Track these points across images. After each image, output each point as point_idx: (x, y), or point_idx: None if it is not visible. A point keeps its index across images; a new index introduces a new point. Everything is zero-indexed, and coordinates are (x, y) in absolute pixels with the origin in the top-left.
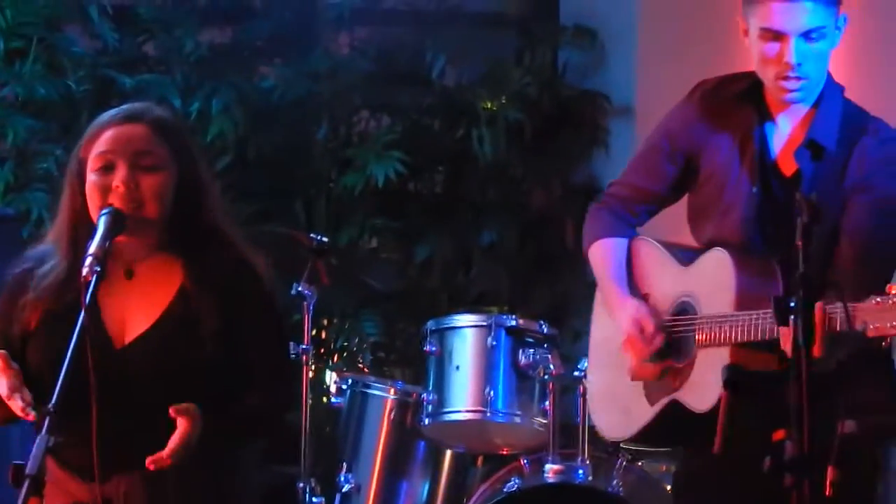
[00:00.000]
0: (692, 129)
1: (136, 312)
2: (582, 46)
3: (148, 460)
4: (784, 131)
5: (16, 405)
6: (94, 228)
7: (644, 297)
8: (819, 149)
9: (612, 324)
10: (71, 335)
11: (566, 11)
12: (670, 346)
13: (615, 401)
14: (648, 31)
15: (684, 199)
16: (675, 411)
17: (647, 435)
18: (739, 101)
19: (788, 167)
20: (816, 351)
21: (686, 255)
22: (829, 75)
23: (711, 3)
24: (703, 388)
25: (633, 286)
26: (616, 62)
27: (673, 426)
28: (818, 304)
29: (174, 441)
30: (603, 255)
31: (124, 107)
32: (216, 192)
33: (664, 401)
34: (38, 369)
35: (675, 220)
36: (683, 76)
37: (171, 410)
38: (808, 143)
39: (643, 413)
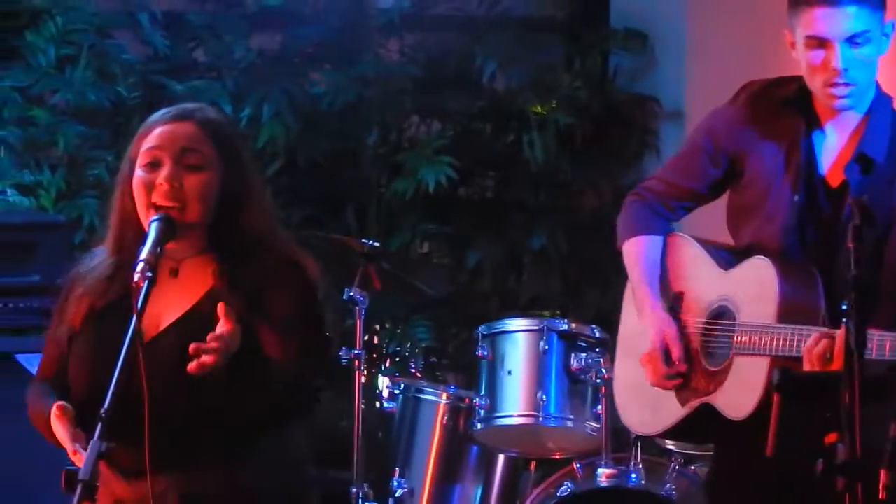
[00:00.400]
0: (737, 132)
1: (169, 309)
2: (632, 50)
3: (190, 366)
4: (833, 142)
5: (69, 449)
6: (140, 228)
7: (678, 296)
8: (869, 162)
9: (641, 320)
10: (111, 334)
11: (616, 14)
12: (706, 347)
13: (643, 396)
14: (698, 33)
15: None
16: (707, 414)
17: (675, 432)
18: (787, 106)
19: (836, 179)
20: (836, 365)
21: (725, 258)
22: (878, 86)
23: (760, 5)
24: (740, 396)
25: (667, 284)
26: (666, 65)
27: (703, 426)
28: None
29: (214, 337)
30: (637, 253)
31: (177, 105)
32: (265, 197)
33: (695, 403)
34: (78, 368)
35: (712, 216)
36: (733, 79)
37: (219, 309)
38: (859, 156)
39: (672, 411)
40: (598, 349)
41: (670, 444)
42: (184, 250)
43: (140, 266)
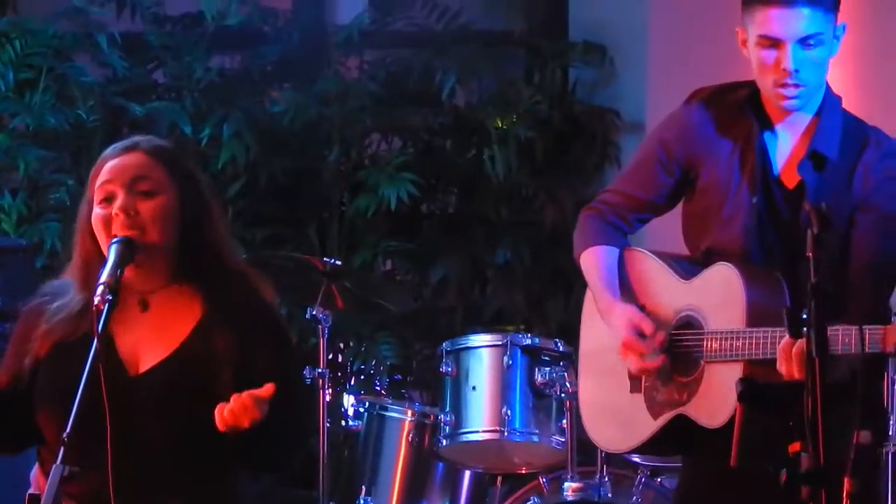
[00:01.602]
0: (689, 139)
1: (151, 343)
2: (591, 63)
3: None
4: (785, 142)
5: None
6: (101, 264)
7: (640, 308)
8: (822, 159)
9: (606, 333)
10: (81, 365)
11: (575, 28)
12: (675, 359)
13: (613, 413)
14: (658, 45)
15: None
16: (681, 425)
17: (649, 447)
18: (738, 109)
19: (791, 179)
20: (798, 374)
21: (685, 268)
22: (828, 86)
23: (721, 17)
24: (715, 404)
25: (628, 299)
26: (626, 78)
27: (677, 439)
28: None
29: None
30: (594, 262)
31: (127, 140)
32: (223, 218)
33: (669, 415)
34: (47, 398)
35: (663, 227)
36: (693, 88)
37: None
38: (811, 154)
39: (645, 426)
40: (561, 363)
41: (636, 457)
42: (151, 281)
43: (100, 289)
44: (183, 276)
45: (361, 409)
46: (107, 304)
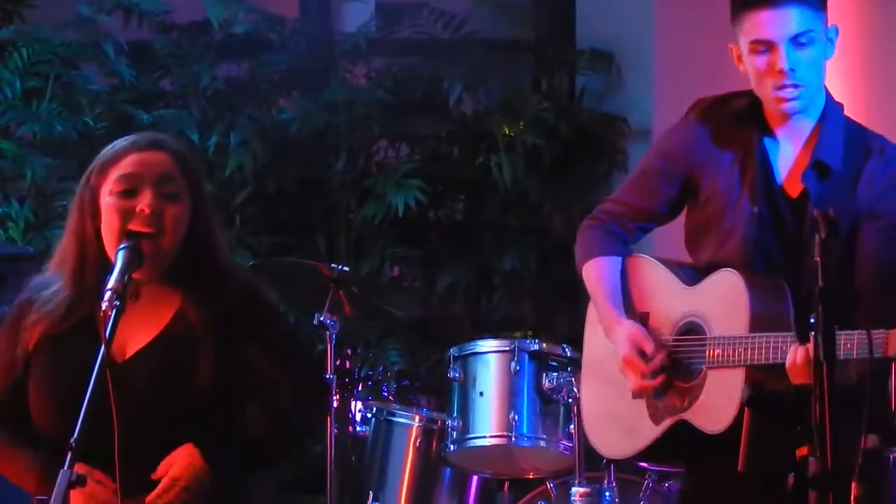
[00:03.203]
0: (690, 150)
1: (136, 330)
2: (598, 70)
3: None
4: (787, 151)
5: None
6: (101, 255)
7: (643, 316)
8: (825, 168)
9: (608, 342)
10: (72, 360)
11: (582, 36)
12: (676, 365)
13: (615, 420)
14: (664, 52)
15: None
16: (683, 431)
17: (651, 453)
18: (739, 119)
19: (794, 188)
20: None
21: (688, 274)
22: (829, 93)
23: (727, 24)
24: (716, 410)
25: (631, 305)
26: (633, 85)
27: (679, 445)
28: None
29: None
30: (597, 274)
31: (142, 133)
32: (221, 230)
33: (670, 421)
34: (40, 390)
35: (668, 236)
36: (700, 96)
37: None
38: (815, 163)
39: (647, 432)
40: (569, 368)
41: (644, 462)
42: (145, 275)
43: (108, 294)
44: (176, 276)
45: (369, 415)
46: (114, 310)
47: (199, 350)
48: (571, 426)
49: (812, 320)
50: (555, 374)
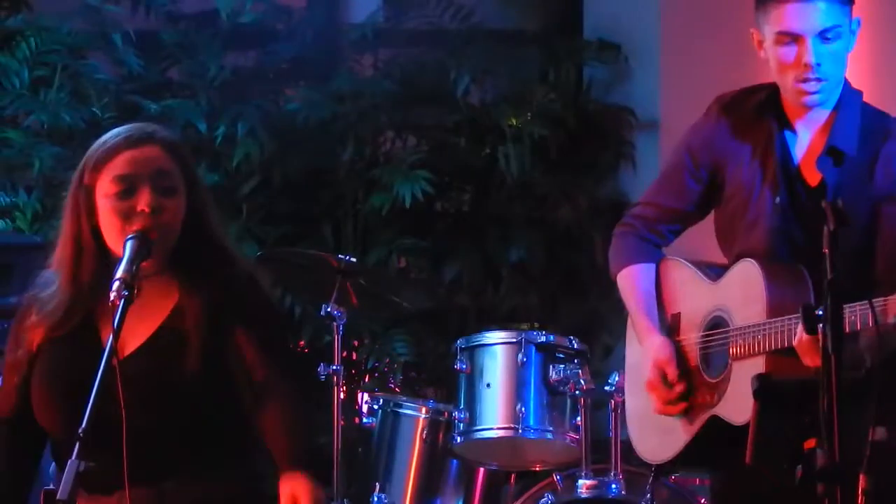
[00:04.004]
0: (714, 145)
1: (134, 326)
2: (605, 61)
3: None
4: (804, 139)
5: None
6: (97, 254)
7: (675, 317)
8: (839, 154)
9: (642, 349)
10: (73, 359)
11: (589, 27)
12: (705, 360)
13: (651, 423)
14: (671, 44)
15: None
16: (716, 427)
17: (689, 453)
18: (759, 112)
19: (812, 177)
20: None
21: (715, 271)
22: (847, 81)
23: (734, 16)
24: (740, 401)
25: (663, 308)
26: (640, 76)
27: (714, 442)
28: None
29: None
30: (631, 283)
31: (129, 127)
32: (217, 214)
33: (703, 417)
34: (44, 391)
35: (703, 237)
36: (707, 89)
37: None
38: (829, 150)
39: (684, 431)
40: (576, 360)
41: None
42: (147, 267)
43: (116, 284)
44: (174, 266)
45: (375, 407)
46: (122, 300)
47: (189, 338)
48: (578, 418)
49: (820, 312)
50: (562, 366)
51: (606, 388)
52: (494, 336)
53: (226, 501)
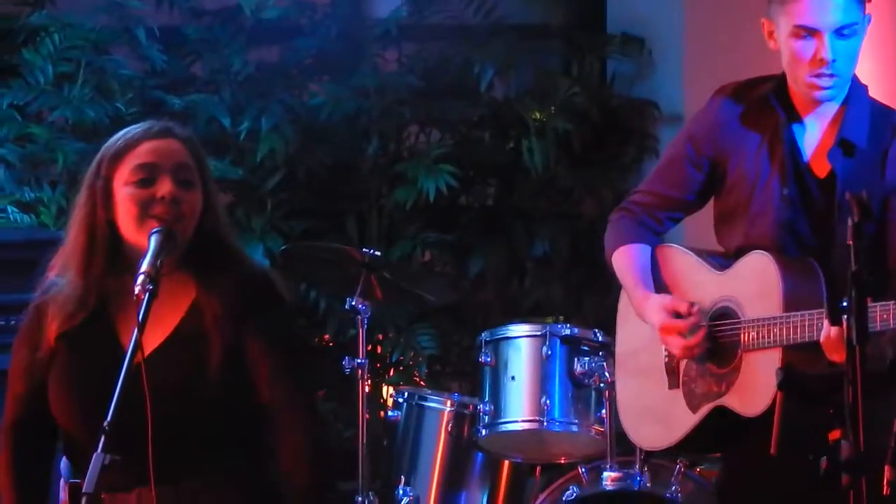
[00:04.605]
0: (716, 135)
1: (152, 326)
2: (629, 55)
3: None
4: (813, 133)
5: None
6: (114, 246)
7: None
8: (851, 147)
9: (640, 332)
10: (89, 356)
11: (613, 20)
12: (712, 350)
13: (652, 411)
14: (695, 37)
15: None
16: (720, 417)
17: (690, 442)
18: (764, 103)
19: (822, 169)
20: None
21: (718, 261)
22: (854, 75)
23: (758, 9)
24: (754, 393)
25: (663, 292)
26: (664, 70)
27: (717, 432)
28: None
29: None
30: (626, 260)
31: (149, 122)
32: (226, 213)
33: (707, 407)
34: (58, 391)
35: (697, 226)
36: (731, 80)
37: None
38: (840, 142)
39: (685, 420)
40: (600, 353)
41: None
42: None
43: (141, 278)
44: (189, 263)
45: (400, 400)
46: (147, 294)
47: (210, 344)
48: (603, 411)
49: (845, 303)
50: (586, 358)
51: None
52: (519, 329)
53: None
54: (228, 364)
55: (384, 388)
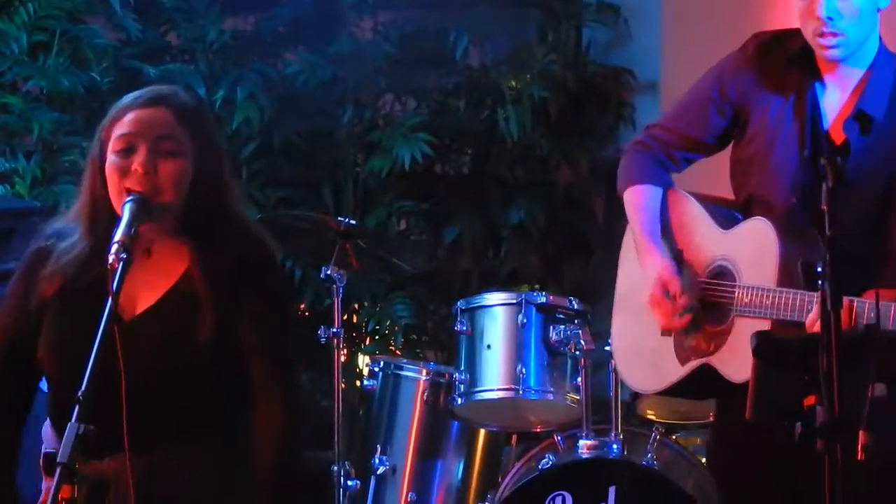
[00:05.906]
0: (744, 83)
1: (145, 288)
2: (605, 22)
3: None
4: (834, 97)
5: None
6: (112, 211)
7: (678, 253)
8: (867, 119)
9: (638, 272)
10: (88, 313)
11: None
12: (705, 307)
13: (643, 355)
14: (671, 4)
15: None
16: (707, 374)
17: (675, 390)
18: (793, 60)
19: (839, 136)
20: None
21: (724, 215)
22: (883, 44)
23: None
24: (740, 359)
25: (667, 239)
26: (640, 37)
27: (703, 384)
28: (846, 302)
29: None
30: (638, 202)
31: (149, 88)
32: (235, 180)
33: (695, 363)
34: (53, 343)
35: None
36: (708, 49)
37: None
38: (857, 113)
39: (672, 370)
40: (576, 321)
41: (651, 415)
42: (156, 231)
43: (114, 247)
44: (186, 230)
45: (376, 369)
46: (121, 263)
47: (201, 307)
48: (579, 379)
49: (819, 268)
50: (562, 326)
51: (607, 348)
52: (494, 297)
53: (215, 480)
54: (218, 331)
55: (360, 358)
